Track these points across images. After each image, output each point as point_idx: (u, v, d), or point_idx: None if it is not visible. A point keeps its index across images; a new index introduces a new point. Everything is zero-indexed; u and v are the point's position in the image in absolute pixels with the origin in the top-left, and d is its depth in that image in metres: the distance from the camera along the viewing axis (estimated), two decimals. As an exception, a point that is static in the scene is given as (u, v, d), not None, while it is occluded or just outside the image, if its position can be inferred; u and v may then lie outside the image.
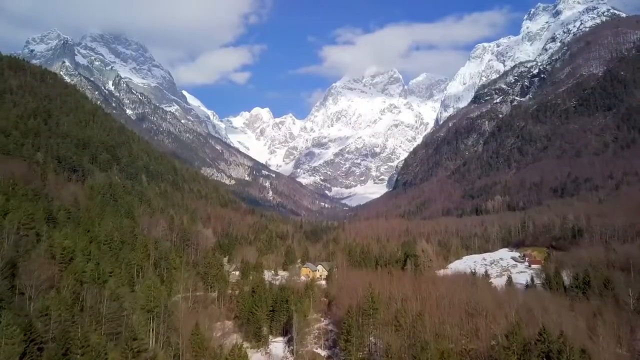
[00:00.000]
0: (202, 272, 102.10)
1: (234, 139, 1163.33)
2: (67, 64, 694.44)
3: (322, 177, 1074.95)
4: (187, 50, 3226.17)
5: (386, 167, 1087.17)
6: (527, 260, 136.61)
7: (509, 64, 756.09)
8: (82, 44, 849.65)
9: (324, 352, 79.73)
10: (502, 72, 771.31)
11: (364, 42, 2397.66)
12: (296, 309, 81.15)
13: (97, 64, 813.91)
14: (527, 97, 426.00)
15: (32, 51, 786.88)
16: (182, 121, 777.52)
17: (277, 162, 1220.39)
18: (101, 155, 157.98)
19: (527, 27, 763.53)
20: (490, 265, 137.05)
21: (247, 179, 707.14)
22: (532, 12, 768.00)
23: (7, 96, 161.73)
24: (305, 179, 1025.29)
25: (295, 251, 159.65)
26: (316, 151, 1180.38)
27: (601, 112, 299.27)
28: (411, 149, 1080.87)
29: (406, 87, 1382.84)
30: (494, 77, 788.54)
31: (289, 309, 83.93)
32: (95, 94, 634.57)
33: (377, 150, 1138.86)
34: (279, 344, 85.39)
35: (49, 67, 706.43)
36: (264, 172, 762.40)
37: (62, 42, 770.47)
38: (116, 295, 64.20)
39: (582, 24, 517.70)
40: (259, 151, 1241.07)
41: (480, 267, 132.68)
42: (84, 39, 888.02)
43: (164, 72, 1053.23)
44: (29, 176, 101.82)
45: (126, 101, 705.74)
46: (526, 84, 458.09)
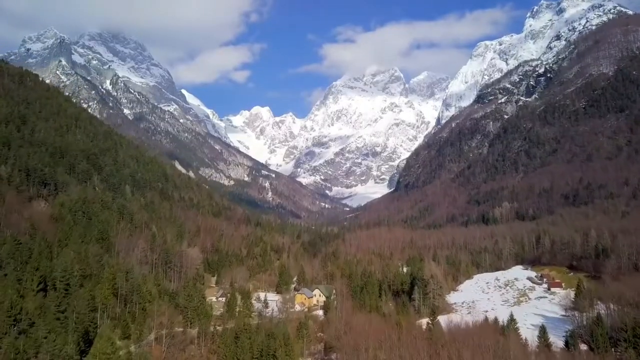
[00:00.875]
0: (182, 305, 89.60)
1: (233, 138, 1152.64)
2: (63, 62, 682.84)
3: (322, 177, 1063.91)
4: (186, 49, 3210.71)
5: (387, 166, 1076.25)
6: (546, 281, 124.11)
7: (512, 63, 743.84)
8: (79, 43, 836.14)
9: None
10: (504, 70, 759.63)
11: (364, 41, 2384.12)
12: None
13: (94, 62, 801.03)
14: (533, 97, 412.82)
15: (28, 50, 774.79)
16: (181, 121, 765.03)
17: (277, 161, 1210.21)
18: (80, 164, 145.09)
19: (530, 25, 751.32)
20: (504, 287, 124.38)
21: (246, 179, 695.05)
22: (535, 9, 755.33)
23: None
24: (305, 179, 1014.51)
25: (290, 269, 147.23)
26: (316, 150, 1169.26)
27: (613, 113, 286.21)
28: (412, 148, 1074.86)
29: (407, 85, 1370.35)
30: (496, 76, 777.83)
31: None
32: (91, 93, 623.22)
33: (378, 149, 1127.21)
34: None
35: (45, 66, 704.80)
36: (264, 172, 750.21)
37: (59, 40, 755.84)
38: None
39: (587, 21, 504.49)
40: (258, 150, 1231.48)
41: (494, 292, 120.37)
42: (81, 38, 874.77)
43: (163, 71, 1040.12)
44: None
45: (124, 100, 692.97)
46: (532, 83, 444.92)
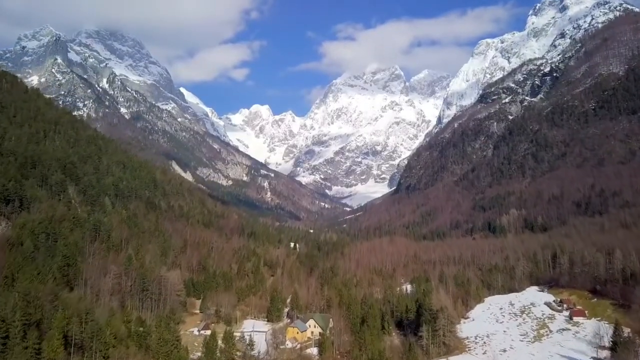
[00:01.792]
0: (153, 349, 77.06)
1: (233, 137, 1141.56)
2: (59, 61, 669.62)
3: (322, 176, 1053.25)
4: (185, 46, 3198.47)
5: (387, 165, 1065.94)
6: (566, 307, 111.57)
7: (514, 61, 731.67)
8: (76, 41, 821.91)
9: None
10: (507, 68, 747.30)
11: (365, 38, 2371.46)
12: None
13: (91, 60, 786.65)
14: (539, 98, 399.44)
15: (23, 48, 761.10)
16: (179, 119, 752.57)
17: (277, 160, 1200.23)
18: (53, 175, 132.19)
19: (532, 23, 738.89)
20: (521, 315, 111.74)
21: (245, 179, 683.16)
22: (537, 7, 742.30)
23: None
24: (305, 178, 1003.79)
25: (283, 290, 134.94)
26: (316, 149, 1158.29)
27: (625, 115, 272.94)
28: (413, 147, 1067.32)
29: (407, 84, 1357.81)
30: (498, 74, 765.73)
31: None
32: (87, 92, 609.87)
33: (378, 148, 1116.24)
34: None
35: (41, 64, 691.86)
36: (263, 171, 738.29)
37: (55, 38, 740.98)
38: None
39: (593, 19, 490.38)
40: (258, 149, 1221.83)
41: (509, 321, 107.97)
42: (79, 36, 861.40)
43: (161, 69, 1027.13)
44: None
45: (120, 99, 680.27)
46: (537, 82, 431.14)
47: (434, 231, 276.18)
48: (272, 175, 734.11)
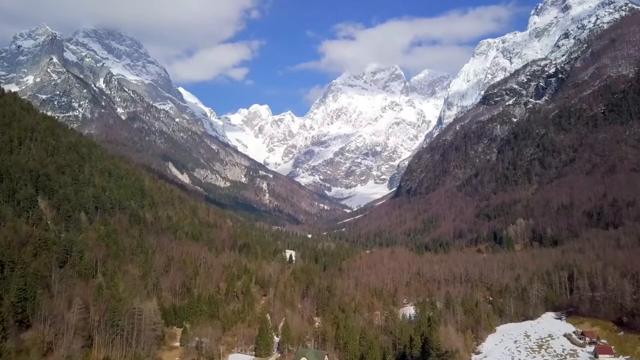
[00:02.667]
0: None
1: (232, 137, 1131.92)
2: (54, 60, 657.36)
3: (321, 177, 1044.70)
4: (185, 46, 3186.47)
5: (387, 166, 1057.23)
6: (589, 341, 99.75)
7: (516, 61, 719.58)
8: (73, 40, 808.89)
9: None
10: (508, 69, 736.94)
11: (365, 37, 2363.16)
12: None
13: (87, 60, 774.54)
14: (544, 100, 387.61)
15: (19, 47, 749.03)
16: (177, 120, 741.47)
17: (276, 160, 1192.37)
18: (22, 189, 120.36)
19: (534, 23, 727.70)
20: (539, 350, 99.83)
21: (243, 180, 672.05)
22: (539, 6, 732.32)
23: None
24: (304, 179, 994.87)
25: (275, 315, 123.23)
26: (316, 150, 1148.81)
27: (636, 119, 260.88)
28: (413, 148, 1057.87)
29: (408, 84, 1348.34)
30: (500, 75, 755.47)
31: None
32: (83, 92, 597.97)
33: (378, 149, 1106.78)
34: None
35: (36, 64, 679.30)
36: (262, 172, 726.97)
37: (50, 37, 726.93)
38: None
39: (598, 19, 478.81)
40: (257, 149, 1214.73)
41: (526, 357, 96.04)
42: (76, 35, 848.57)
43: (159, 69, 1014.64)
44: None
45: (117, 99, 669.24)
46: (541, 84, 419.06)
47: (436, 240, 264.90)
48: (271, 176, 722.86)
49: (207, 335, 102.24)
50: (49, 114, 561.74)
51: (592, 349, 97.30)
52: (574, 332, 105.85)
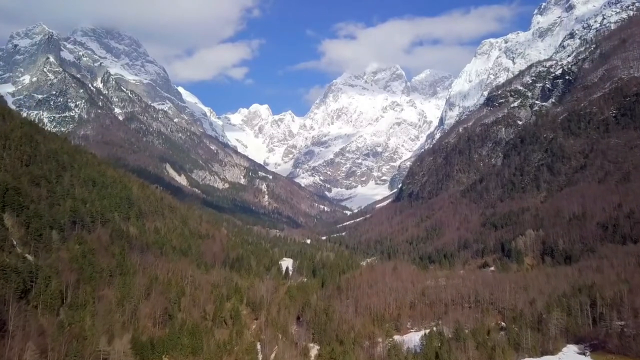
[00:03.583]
0: None
1: (231, 137, 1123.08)
2: (51, 59, 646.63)
3: (322, 178, 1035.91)
4: (184, 45, 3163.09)
5: (388, 167, 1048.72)
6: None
7: (519, 62, 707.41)
8: (70, 39, 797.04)
9: None
10: (511, 69, 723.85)
11: (365, 37, 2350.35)
12: None
13: (85, 59, 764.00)
14: (550, 102, 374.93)
15: (15, 46, 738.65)
16: (175, 120, 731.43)
17: (276, 160, 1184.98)
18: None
19: (537, 22, 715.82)
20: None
21: (242, 181, 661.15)
22: (542, 6, 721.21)
23: None
24: (304, 179, 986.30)
25: (266, 345, 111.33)
26: (316, 150, 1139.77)
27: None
28: (414, 148, 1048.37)
29: (409, 84, 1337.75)
30: (503, 75, 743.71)
31: None
32: (79, 92, 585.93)
33: (379, 149, 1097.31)
34: None
35: (33, 63, 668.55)
36: (261, 173, 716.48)
37: (47, 36, 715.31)
38: None
39: (605, 18, 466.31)
40: (257, 149, 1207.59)
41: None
42: (74, 34, 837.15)
43: (158, 68, 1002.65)
44: None
45: (115, 99, 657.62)
46: (547, 86, 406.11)
47: (440, 250, 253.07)
48: (271, 177, 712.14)
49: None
50: (45, 114, 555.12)
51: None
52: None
